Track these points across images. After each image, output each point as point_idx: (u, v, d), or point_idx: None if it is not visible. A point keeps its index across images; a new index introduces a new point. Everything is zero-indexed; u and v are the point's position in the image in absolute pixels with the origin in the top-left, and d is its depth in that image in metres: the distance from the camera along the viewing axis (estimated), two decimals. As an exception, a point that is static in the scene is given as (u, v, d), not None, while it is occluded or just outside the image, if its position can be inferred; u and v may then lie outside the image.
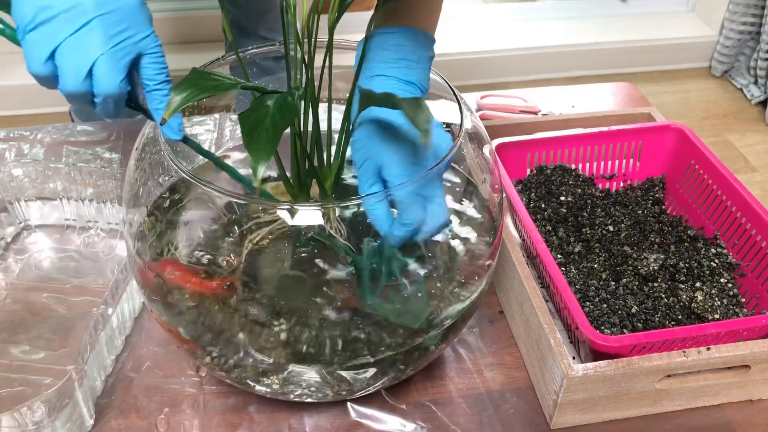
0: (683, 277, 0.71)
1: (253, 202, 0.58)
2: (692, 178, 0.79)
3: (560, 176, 0.81)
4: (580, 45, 2.27)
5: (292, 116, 0.40)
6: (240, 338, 0.56)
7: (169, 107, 0.39)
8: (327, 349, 0.56)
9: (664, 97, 2.19)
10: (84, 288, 0.73)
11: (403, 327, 0.57)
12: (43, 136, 0.94)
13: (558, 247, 0.74)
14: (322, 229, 0.57)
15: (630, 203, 0.81)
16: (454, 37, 2.25)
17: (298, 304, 0.57)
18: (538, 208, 0.78)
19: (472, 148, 0.60)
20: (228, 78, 0.43)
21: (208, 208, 0.60)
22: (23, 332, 0.68)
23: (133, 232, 0.58)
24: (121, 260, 0.76)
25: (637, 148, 0.83)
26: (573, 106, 1.07)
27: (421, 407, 0.63)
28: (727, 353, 0.59)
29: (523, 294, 0.65)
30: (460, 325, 0.61)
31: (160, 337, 0.69)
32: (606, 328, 0.65)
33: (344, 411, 0.62)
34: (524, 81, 2.24)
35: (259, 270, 0.59)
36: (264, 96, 0.41)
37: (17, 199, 0.79)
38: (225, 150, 0.74)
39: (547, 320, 0.61)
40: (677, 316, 0.67)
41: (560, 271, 0.63)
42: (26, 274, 0.75)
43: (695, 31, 2.34)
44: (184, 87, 0.40)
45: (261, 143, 0.37)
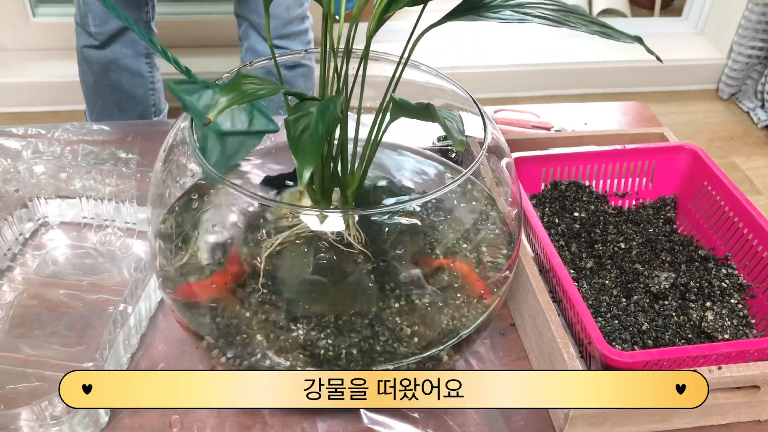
0: (694, 297, 0.71)
1: (279, 205, 0.59)
2: (704, 198, 0.79)
3: (574, 192, 0.82)
4: (588, 63, 2.29)
5: (336, 123, 0.41)
6: (258, 340, 0.57)
7: (215, 108, 0.40)
8: (343, 355, 0.57)
9: (670, 118, 2.20)
10: (100, 286, 0.74)
11: (418, 337, 0.58)
12: (60, 135, 0.95)
13: (570, 262, 0.75)
14: (341, 235, 0.58)
15: (642, 221, 0.82)
16: (463, 50, 2.26)
17: (316, 308, 0.58)
18: (552, 222, 0.79)
19: (491, 161, 0.61)
20: (270, 82, 0.44)
21: (231, 209, 0.61)
22: (39, 328, 0.69)
23: (157, 232, 0.58)
24: (137, 259, 0.77)
25: (650, 168, 0.84)
26: (585, 123, 1.08)
27: (433, 416, 0.63)
28: (738, 373, 0.60)
29: (536, 307, 0.66)
30: (475, 336, 0.62)
31: (175, 337, 0.69)
32: (617, 344, 0.66)
33: (357, 417, 0.63)
34: (532, 97, 2.26)
35: (279, 273, 0.59)
36: (306, 102, 0.42)
37: (36, 195, 0.79)
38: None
39: (561, 334, 0.62)
40: (687, 335, 0.68)
41: (575, 286, 0.64)
42: (43, 269, 0.76)
43: (704, 54, 2.36)
44: (231, 89, 0.41)
45: (307, 148, 0.38)
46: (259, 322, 0.58)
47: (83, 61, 1.45)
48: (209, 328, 0.58)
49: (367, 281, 0.59)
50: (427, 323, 0.59)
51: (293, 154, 0.38)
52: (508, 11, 0.48)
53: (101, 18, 1.40)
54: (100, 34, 1.41)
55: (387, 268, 0.61)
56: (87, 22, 1.41)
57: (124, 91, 1.46)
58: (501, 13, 0.48)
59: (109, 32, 1.41)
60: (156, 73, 1.52)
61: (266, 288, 0.59)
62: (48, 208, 0.80)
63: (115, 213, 0.79)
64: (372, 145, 0.56)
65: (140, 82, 1.47)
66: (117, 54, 1.42)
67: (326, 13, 0.49)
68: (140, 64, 1.46)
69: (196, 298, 0.58)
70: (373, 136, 0.56)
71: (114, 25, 1.41)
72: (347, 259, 0.59)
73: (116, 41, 1.42)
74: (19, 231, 0.78)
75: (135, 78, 1.46)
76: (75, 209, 0.80)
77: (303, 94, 0.44)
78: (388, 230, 0.61)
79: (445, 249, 0.62)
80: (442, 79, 0.66)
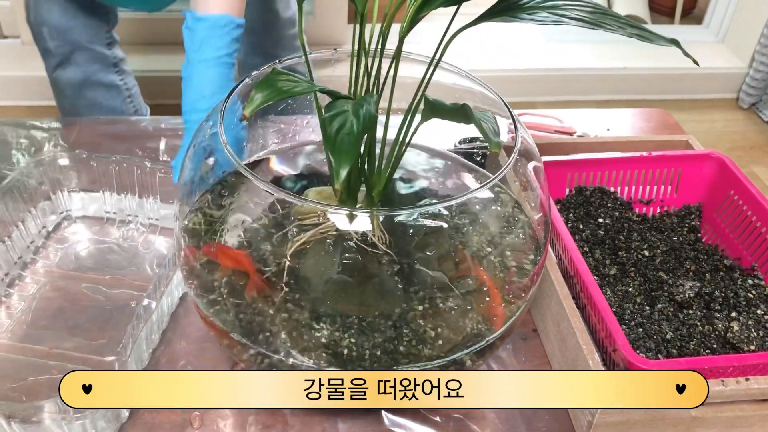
0: (718, 306, 0.71)
1: (308, 203, 0.58)
2: (730, 208, 0.79)
3: (599, 198, 0.81)
4: (608, 69, 2.27)
5: (372, 122, 0.40)
6: (282, 338, 0.57)
7: (250, 104, 0.39)
8: (367, 356, 0.56)
9: (690, 126, 2.19)
10: (122, 280, 0.74)
11: (442, 340, 0.58)
12: (83, 128, 0.96)
13: (594, 268, 0.74)
14: (365, 235, 0.58)
15: (666, 229, 0.81)
16: (481, 53, 2.26)
17: (341, 308, 0.58)
18: (576, 228, 0.78)
19: (519, 165, 0.61)
20: (304, 80, 0.44)
21: (258, 205, 0.60)
22: (61, 320, 0.69)
23: (184, 227, 0.58)
24: (159, 255, 0.77)
25: (675, 175, 0.83)
26: (608, 129, 1.07)
27: (454, 420, 0.63)
28: (765, 385, 0.59)
29: (560, 313, 0.65)
30: (498, 342, 0.61)
31: (196, 334, 0.69)
32: (641, 352, 0.65)
33: (378, 419, 0.62)
34: (551, 102, 2.25)
35: (304, 271, 0.59)
36: (340, 100, 0.42)
37: (60, 189, 0.79)
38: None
39: (586, 340, 0.61)
40: (712, 345, 0.67)
41: (601, 293, 0.63)
42: (65, 263, 0.76)
43: (725, 62, 2.34)
44: (265, 86, 0.41)
45: (344, 147, 0.38)
46: (283, 320, 0.57)
47: (55, 86, 1.38)
48: (233, 325, 0.58)
49: (393, 282, 0.59)
50: (452, 326, 0.59)
51: (330, 152, 0.38)
52: (544, 13, 0.48)
53: (58, 30, 1.27)
54: (60, 48, 1.30)
55: (411, 270, 0.60)
56: (44, 37, 1.28)
57: (103, 106, 1.38)
58: (536, 15, 0.48)
59: (70, 44, 1.30)
60: (129, 79, 1.45)
61: (290, 286, 0.59)
62: (71, 202, 0.80)
63: (138, 208, 0.79)
64: (400, 145, 0.55)
65: (116, 94, 1.40)
66: (87, 72, 1.34)
67: (361, 12, 0.49)
68: (112, 76, 1.38)
69: (220, 294, 0.58)
70: (401, 137, 0.56)
71: (74, 36, 1.28)
72: (372, 260, 0.59)
73: (81, 55, 1.32)
74: (42, 224, 0.78)
75: (110, 91, 1.38)
76: (98, 203, 0.81)
77: (337, 93, 0.44)
78: (412, 232, 0.61)
79: (470, 253, 0.62)
80: (470, 80, 0.65)
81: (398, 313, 0.58)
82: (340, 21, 2.21)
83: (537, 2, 0.48)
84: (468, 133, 0.87)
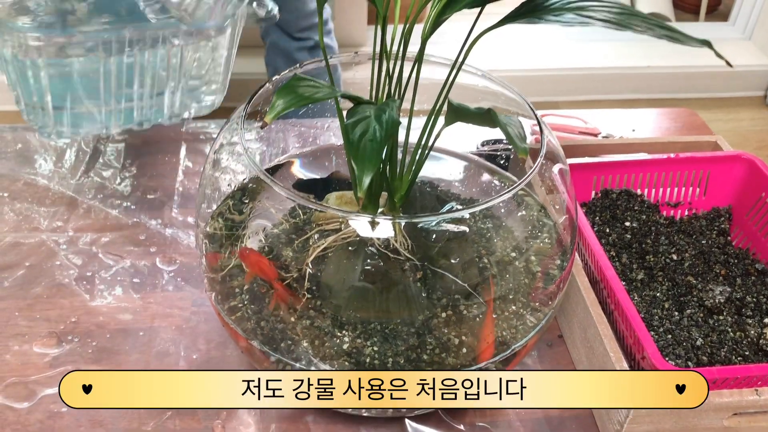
0: (750, 312, 0.69)
1: (329, 210, 0.58)
2: (762, 210, 0.77)
3: (626, 201, 0.80)
4: (632, 68, 2.25)
5: (395, 128, 0.40)
6: (303, 345, 0.56)
7: (272, 111, 0.39)
8: (390, 364, 0.56)
9: (716, 125, 2.15)
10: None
11: (467, 348, 0.57)
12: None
13: (621, 273, 0.73)
14: (387, 241, 0.57)
15: (694, 232, 0.79)
16: (501, 53, 2.24)
17: (364, 315, 0.57)
18: (602, 232, 0.77)
19: (544, 168, 0.60)
20: (326, 85, 0.43)
21: (279, 211, 0.60)
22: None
23: (205, 233, 0.58)
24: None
25: (704, 177, 0.82)
26: (633, 129, 1.05)
27: (478, 429, 0.62)
28: (801, 394, 0.57)
29: (587, 320, 0.64)
30: (523, 350, 0.60)
31: (217, 340, 0.69)
32: (670, 359, 0.64)
33: (401, 428, 0.61)
34: (574, 101, 2.22)
35: (325, 278, 0.58)
36: (362, 105, 0.41)
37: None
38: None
39: (614, 348, 0.60)
40: (744, 352, 0.65)
41: (629, 298, 0.62)
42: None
43: (751, 60, 2.30)
44: (287, 92, 0.40)
45: (367, 154, 0.37)
46: (304, 328, 0.57)
47: None
48: (254, 333, 0.57)
49: (415, 289, 0.58)
50: (476, 334, 0.57)
51: (352, 159, 0.37)
52: (570, 14, 0.47)
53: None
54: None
55: (434, 277, 0.59)
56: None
57: None
58: (563, 16, 0.47)
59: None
60: None
61: (312, 293, 0.58)
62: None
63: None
64: (423, 149, 0.54)
65: None
66: None
67: (382, 15, 0.48)
68: None
69: (241, 301, 0.57)
70: (423, 141, 0.55)
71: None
72: (394, 266, 0.58)
73: None
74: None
75: None
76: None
77: (359, 98, 0.43)
78: (435, 237, 0.60)
79: (495, 259, 0.61)
80: (492, 82, 0.64)
81: (421, 321, 0.57)
82: (360, 23, 2.20)
83: (563, 3, 0.47)
84: (491, 135, 0.86)
